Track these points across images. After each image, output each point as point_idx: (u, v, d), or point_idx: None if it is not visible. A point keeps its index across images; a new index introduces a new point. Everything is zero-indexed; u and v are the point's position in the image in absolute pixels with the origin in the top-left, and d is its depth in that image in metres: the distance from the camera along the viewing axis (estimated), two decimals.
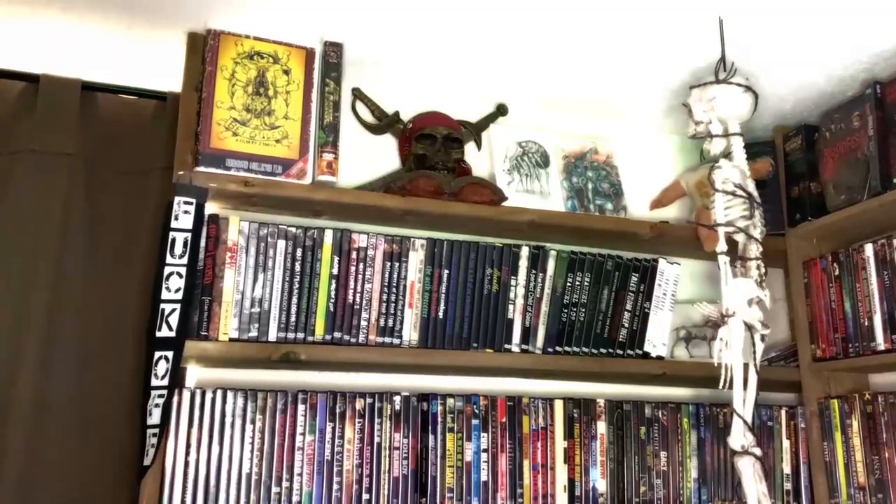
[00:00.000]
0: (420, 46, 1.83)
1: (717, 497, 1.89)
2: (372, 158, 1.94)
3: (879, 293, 1.79)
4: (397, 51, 1.85)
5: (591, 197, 2.06)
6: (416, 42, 1.81)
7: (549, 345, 1.84)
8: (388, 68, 1.93)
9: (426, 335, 1.75)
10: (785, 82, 1.93)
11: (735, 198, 1.73)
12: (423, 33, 1.77)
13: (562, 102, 2.09)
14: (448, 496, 1.70)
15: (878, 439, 1.78)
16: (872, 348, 1.79)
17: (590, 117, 2.14)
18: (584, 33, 1.76)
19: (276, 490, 1.60)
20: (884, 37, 1.73)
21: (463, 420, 1.75)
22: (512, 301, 1.83)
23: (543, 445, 1.80)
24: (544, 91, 2.04)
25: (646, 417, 1.89)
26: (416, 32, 1.77)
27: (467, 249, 1.81)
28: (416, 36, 1.79)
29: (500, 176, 1.98)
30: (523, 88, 2.02)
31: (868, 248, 1.83)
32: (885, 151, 1.79)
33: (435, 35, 1.78)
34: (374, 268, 1.74)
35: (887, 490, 1.74)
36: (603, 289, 1.90)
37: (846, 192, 1.88)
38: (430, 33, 1.77)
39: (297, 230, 1.71)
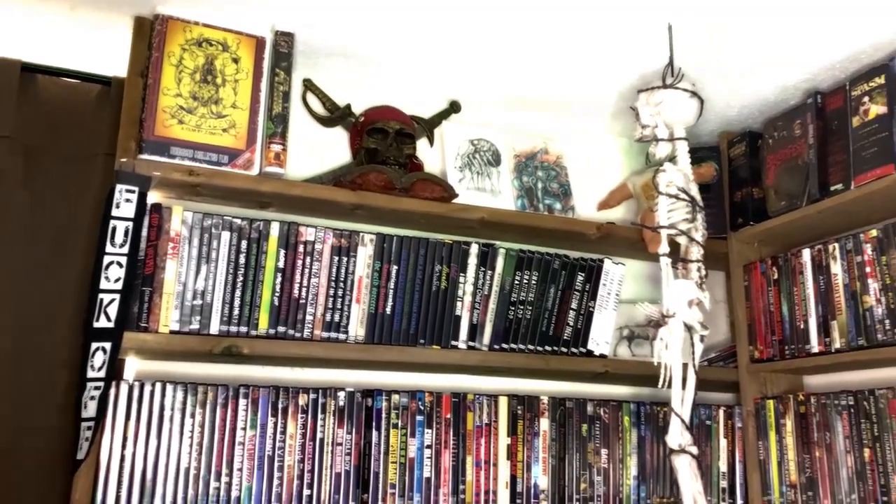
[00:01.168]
0: (373, 39, 1.82)
1: (655, 494, 1.93)
2: (322, 151, 1.92)
3: (815, 297, 1.84)
4: (350, 43, 1.84)
5: (540, 196, 2.08)
6: (369, 35, 1.80)
7: (496, 342, 1.85)
8: (340, 60, 1.91)
9: (373, 331, 1.75)
10: (731, 89, 1.97)
11: (678, 201, 1.76)
12: (377, 26, 1.76)
13: (514, 102, 2.10)
14: (391, 492, 1.70)
15: (809, 439, 1.83)
16: (807, 350, 1.85)
17: (541, 117, 2.16)
18: (536, 34, 1.77)
19: (214, 485, 1.58)
20: (826, 49, 1.78)
21: (408, 416, 1.75)
22: (460, 298, 1.83)
23: (487, 442, 1.81)
24: (497, 90, 2.04)
25: (588, 415, 1.91)
26: (370, 25, 1.76)
27: (417, 245, 1.81)
28: (369, 28, 1.77)
29: (451, 173, 1.98)
30: (477, 86, 2.03)
31: (805, 253, 1.88)
32: (824, 159, 1.84)
33: (389, 29, 1.77)
34: (321, 262, 1.72)
35: (817, 488, 1.80)
36: (550, 287, 1.92)
37: (786, 198, 1.93)
38: (384, 26, 1.76)
39: (243, 222, 1.68)
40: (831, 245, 1.81)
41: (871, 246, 1.72)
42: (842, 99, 1.83)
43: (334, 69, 1.94)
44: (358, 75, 1.97)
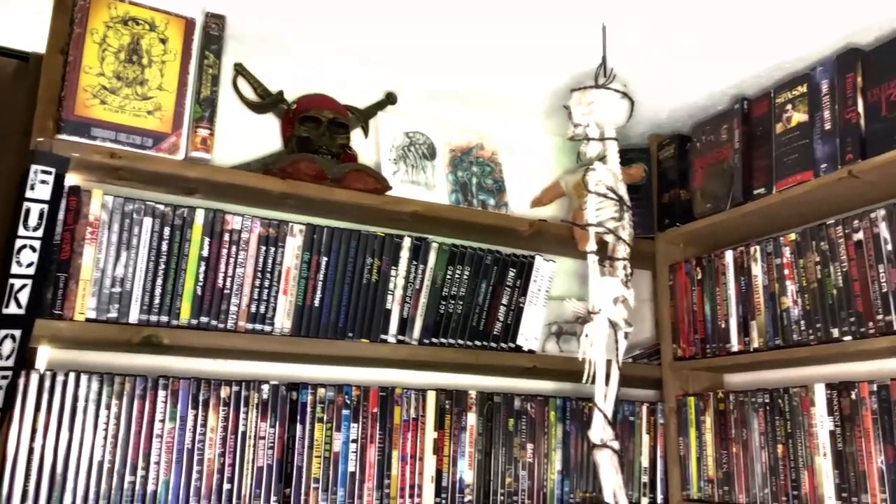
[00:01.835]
0: (309, 26, 1.79)
1: (578, 489, 1.96)
2: (252, 138, 1.88)
3: (736, 298, 1.90)
4: (284, 28, 1.80)
5: (474, 192, 2.08)
6: (305, 21, 1.77)
7: (426, 336, 1.84)
8: (273, 46, 1.87)
9: (300, 323, 1.72)
10: (661, 93, 2.01)
11: (607, 200, 1.79)
12: (313, 13, 1.73)
13: (451, 96, 2.10)
14: (314, 486, 1.68)
15: (727, 435, 1.89)
16: (727, 349, 1.90)
17: (478, 113, 2.16)
18: (474, 29, 1.77)
19: (130, 479, 1.53)
20: (753, 57, 1.83)
21: (333, 410, 1.73)
22: (391, 291, 1.81)
23: (413, 436, 1.80)
24: (435, 83, 2.03)
25: (515, 410, 1.92)
26: (306, 11, 1.72)
27: (348, 237, 1.79)
28: (305, 15, 1.74)
29: (385, 165, 1.96)
30: (414, 78, 2.01)
31: (728, 254, 1.94)
32: (749, 164, 1.90)
33: (325, 16, 1.74)
34: (247, 251, 1.68)
35: (733, 482, 1.85)
36: (481, 282, 1.92)
37: (712, 200, 1.98)
38: (321, 14, 1.73)
39: (166, 208, 1.63)
40: (753, 247, 1.87)
41: (789, 249, 1.78)
42: (767, 106, 1.88)
43: (267, 55, 1.90)
44: (292, 62, 1.93)
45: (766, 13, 1.66)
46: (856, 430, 1.60)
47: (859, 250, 1.63)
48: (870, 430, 1.57)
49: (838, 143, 1.68)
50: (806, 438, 1.70)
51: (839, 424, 1.63)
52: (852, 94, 1.67)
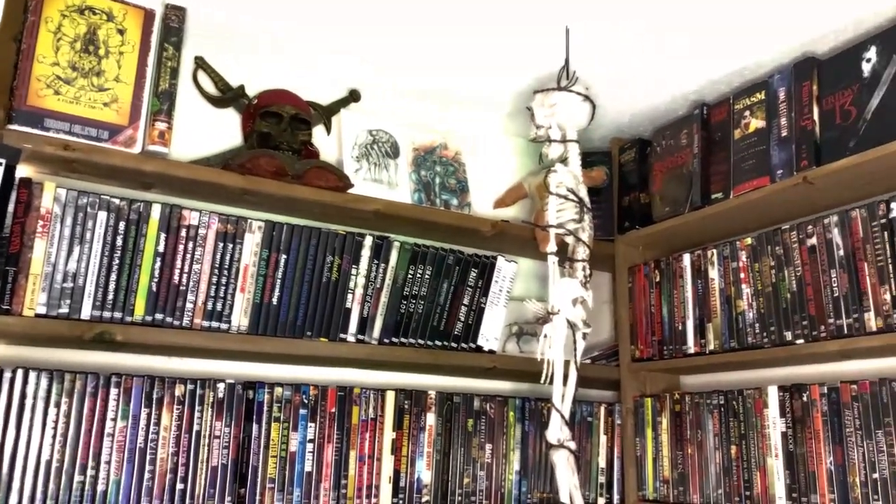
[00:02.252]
0: (272, 20, 1.76)
1: (536, 489, 1.97)
2: (212, 132, 1.85)
3: (693, 300, 1.92)
4: (246, 22, 1.77)
5: (437, 191, 2.07)
6: (267, 15, 1.74)
7: (386, 336, 1.83)
8: (235, 39, 1.85)
9: (257, 321, 1.69)
10: (623, 97, 2.03)
11: (567, 202, 1.79)
12: (276, 7, 1.71)
13: (416, 95, 2.09)
14: (269, 486, 1.66)
15: (682, 436, 1.91)
16: (684, 351, 1.93)
17: (442, 113, 2.16)
18: (439, 29, 1.76)
19: (79, 479, 1.49)
20: (713, 63, 1.86)
21: (290, 410, 1.71)
22: (351, 290, 1.80)
23: (371, 436, 1.79)
24: (399, 81, 2.03)
25: (474, 410, 1.92)
26: (269, 5, 1.70)
27: (308, 235, 1.77)
28: (267, 9, 1.72)
29: (347, 162, 1.95)
30: (378, 76, 2.00)
31: (686, 257, 1.96)
32: (707, 169, 1.93)
33: (289, 10, 1.72)
34: (204, 248, 1.66)
35: (687, 483, 1.88)
36: (443, 282, 1.92)
37: (671, 204, 2.00)
38: (284, 8, 1.71)
39: (122, 202, 1.60)
40: (710, 251, 1.90)
41: (745, 253, 1.81)
42: (726, 112, 1.91)
43: (229, 48, 1.88)
44: (254, 57, 1.91)
45: (726, 20, 1.68)
46: (807, 431, 1.63)
47: (812, 255, 1.66)
48: (820, 431, 1.61)
49: (794, 149, 1.71)
50: (759, 439, 1.73)
51: (791, 426, 1.67)
52: (808, 101, 1.71)
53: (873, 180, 1.63)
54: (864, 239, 1.56)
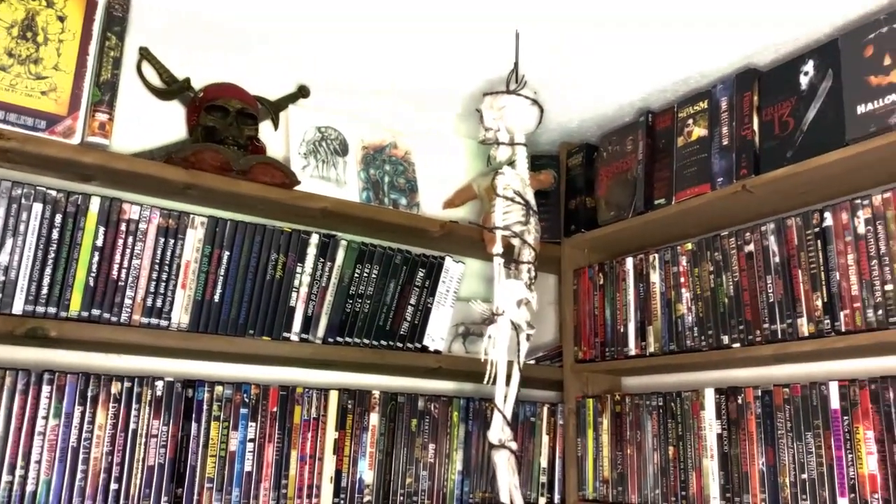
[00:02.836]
0: (220, 12, 1.73)
1: (478, 489, 1.98)
2: (155, 125, 1.81)
3: (635, 303, 1.96)
4: (193, 13, 1.74)
5: (386, 190, 2.07)
6: (215, 7, 1.71)
7: (331, 335, 1.82)
8: (181, 31, 1.81)
9: (198, 318, 1.66)
10: (572, 102, 2.06)
11: (514, 204, 1.81)
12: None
13: (366, 93, 2.08)
14: (207, 486, 1.63)
15: (622, 437, 1.94)
16: (625, 353, 1.96)
17: (392, 112, 2.15)
18: (390, 28, 1.76)
19: (7, 479, 1.44)
20: (659, 72, 1.89)
21: (231, 408, 1.68)
22: (296, 289, 1.78)
23: (314, 436, 1.77)
24: (349, 79, 2.01)
25: (418, 410, 1.93)
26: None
27: (252, 232, 1.74)
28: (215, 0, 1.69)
29: (295, 159, 1.93)
30: (328, 73, 1.99)
31: (629, 261, 2.00)
32: (650, 175, 1.96)
33: (237, 3, 1.69)
34: (144, 242, 1.62)
35: (626, 483, 1.91)
36: (390, 282, 1.91)
37: (615, 208, 2.04)
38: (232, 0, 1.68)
39: (59, 194, 1.55)
40: (652, 255, 1.93)
41: (686, 258, 1.85)
42: (670, 119, 1.95)
43: (175, 40, 1.84)
44: (200, 49, 1.88)
45: (673, 30, 1.72)
46: (741, 433, 1.67)
47: (750, 261, 1.70)
48: (753, 433, 1.65)
49: (734, 158, 1.76)
50: (695, 441, 1.77)
51: (726, 428, 1.71)
52: (749, 111, 1.75)
53: (809, 190, 1.69)
54: (798, 247, 1.61)
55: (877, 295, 1.46)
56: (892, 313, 1.43)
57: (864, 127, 1.51)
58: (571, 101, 2.05)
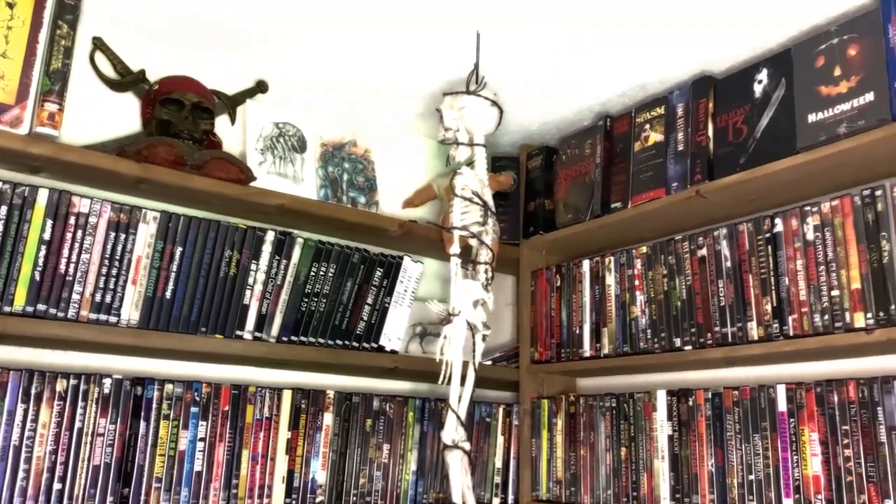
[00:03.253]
0: (177, 4, 1.70)
1: (432, 490, 1.97)
2: (108, 117, 1.77)
3: (590, 305, 1.98)
4: (150, 4, 1.71)
5: (345, 188, 2.05)
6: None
7: (285, 334, 1.80)
8: (137, 22, 1.77)
9: (149, 315, 1.63)
10: (533, 105, 2.07)
11: (472, 204, 1.81)
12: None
13: (326, 90, 2.06)
14: (155, 486, 1.60)
15: (576, 437, 1.96)
16: (580, 354, 1.98)
17: (352, 110, 2.14)
18: (350, 26, 1.74)
19: None
20: (617, 77, 1.91)
21: (181, 407, 1.65)
22: (250, 286, 1.76)
23: (266, 436, 1.75)
24: (309, 75, 1.99)
25: (373, 410, 1.92)
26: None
27: (206, 228, 1.72)
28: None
29: (251, 155, 1.90)
30: (287, 68, 1.96)
31: (585, 263, 2.01)
32: (608, 178, 1.98)
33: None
34: (94, 237, 1.58)
35: (579, 484, 1.93)
36: (347, 281, 1.90)
37: (573, 211, 2.05)
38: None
39: (4, 185, 1.51)
40: (608, 258, 1.95)
41: (640, 261, 1.87)
42: (628, 124, 1.97)
43: (130, 31, 1.80)
44: (157, 41, 1.84)
45: (631, 36, 1.73)
46: (691, 434, 1.70)
47: (702, 265, 1.73)
48: (703, 434, 1.68)
49: (689, 163, 1.79)
50: (647, 442, 1.79)
51: (677, 429, 1.73)
52: (704, 118, 1.78)
53: (760, 196, 1.72)
54: (749, 252, 1.64)
55: (824, 300, 1.50)
56: (838, 318, 1.47)
57: (815, 136, 1.54)
58: (531, 103, 2.06)
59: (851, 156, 1.50)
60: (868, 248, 1.44)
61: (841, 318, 1.46)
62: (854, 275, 1.46)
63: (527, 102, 2.05)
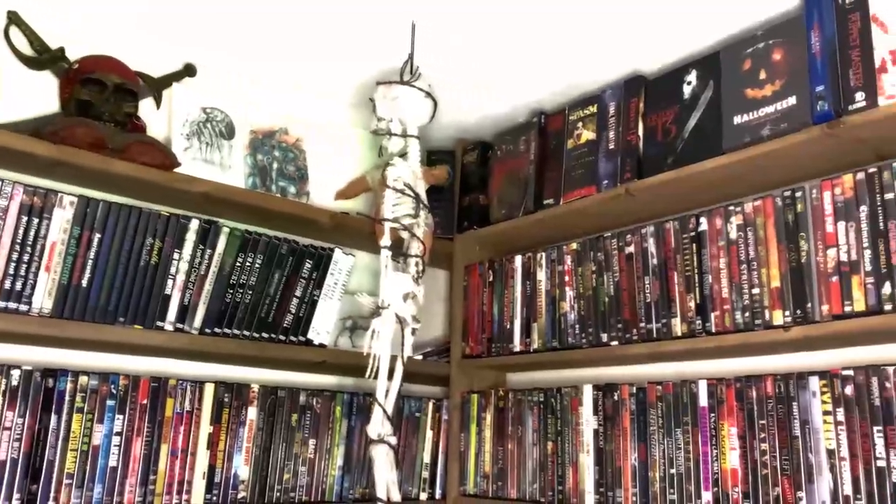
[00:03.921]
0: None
1: (358, 485, 1.95)
2: (23, 96, 1.69)
3: (521, 300, 1.98)
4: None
5: (274, 177, 2.01)
6: None
7: (209, 326, 1.75)
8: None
9: (63, 304, 1.56)
10: (469, 99, 2.06)
11: (404, 196, 1.79)
12: None
13: (257, 76, 2.01)
14: (66, 482, 1.53)
15: (504, 432, 1.96)
16: (510, 349, 1.98)
17: (284, 98, 2.09)
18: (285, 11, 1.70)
19: None
20: (552, 74, 1.92)
21: (96, 400, 1.59)
22: (172, 276, 1.70)
23: (186, 430, 1.70)
24: (240, 60, 1.94)
25: (300, 405, 1.88)
26: None
27: (127, 214, 1.65)
28: None
29: (176, 140, 1.84)
30: (217, 52, 1.90)
31: (517, 259, 2.02)
32: (541, 175, 1.99)
33: None
34: (5, 221, 1.50)
35: (506, 478, 1.93)
36: (274, 272, 1.86)
37: (507, 207, 2.06)
38: None
39: None
40: (539, 253, 1.96)
41: (570, 257, 1.88)
42: (561, 122, 1.99)
43: (50, 6, 1.71)
44: (78, 18, 1.76)
45: (566, 34, 1.74)
46: (615, 429, 1.72)
47: (630, 262, 1.75)
48: (627, 429, 1.70)
49: (619, 162, 1.81)
50: (573, 436, 1.80)
51: (602, 424, 1.75)
52: (635, 117, 1.80)
53: (687, 196, 1.75)
54: (675, 250, 1.67)
55: (745, 298, 1.53)
56: (758, 316, 1.50)
57: (740, 137, 1.58)
58: (469, 98, 2.05)
59: (774, 158, 1.54)
60: (787, 247, 1.48)
61: (761, 316, 1.50)
62: (774, 273, 1.49)
63: (464, 96, 2.04)
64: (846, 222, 1.41)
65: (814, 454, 1.40)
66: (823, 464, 1.39)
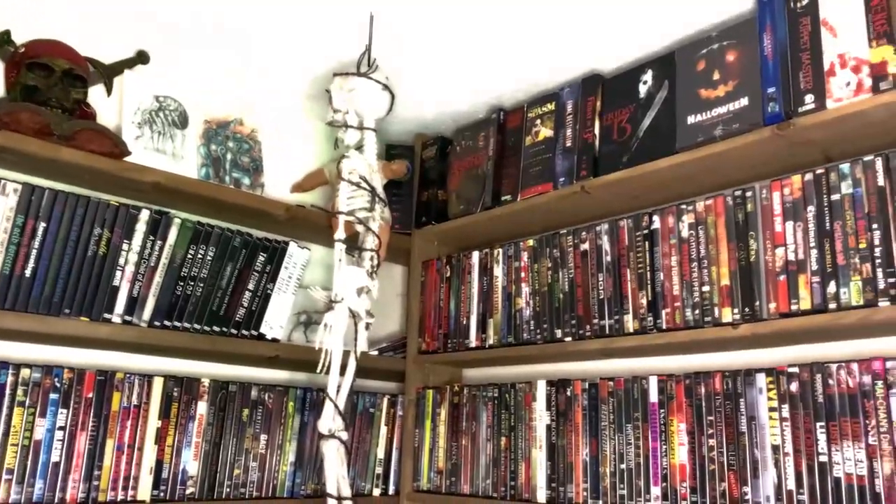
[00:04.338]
0: None
1: (310, 481, 1.93)
2: None
3: (478, 296, 1.98)
4: None
5: (228, 168, 1.97)
6: None
7: (158, 318, 1.71)
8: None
9: (5, 294, 1.51)
10: (428, 93, 2.05)
11: (359, 189, 1.78)
12: None
13: (211, 65, 1.97)
14: (6, 478, 1.49)
15: (458, 427, 1.96)
16: (466, 345, 1.98)
17: (239, 88, 2.06)
18: None
19: None
20: (511, 71, 1.92)
21: (39, 393, 1.54)
22: (120, 267, 1.66)
23: (133, 425, 1.66)
24: (193, 48, 1.90)
25: (251, 400, 1.85)
26: None
27: (74, 203, 1.61)
28: None
29: (127, 128, 1.80)
30: (170, 40, 1.86)
31: (475, 255, 2.02)
32: (499, 171, 1.99)
33: None
34: None
35: (459, 473, 1.93)
36: (227, 265, 1.83)
37: (465, 203, 2.05)
38: None
39: None
40: (496, 250, 1.96)
41: (527, 254, 1.89)
42: (520, 119, 1.99)
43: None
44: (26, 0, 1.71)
45: (526, 31, 1.74)
46: (568, 424, 1.73)
47: (584, 259, 1.76)
48: (580, 424, 1.71)
49: (576, 160, 1.81)
50: (526, 432, 1.81)
51: (555, 419, 1.76)
52: (591, 116, 1.81)
53: (641, 194, 1.77)
54: (628, 247, 1.69)
55: (695, 295, 1.55)
56: (708, 313, 1.53)
57: (693, 137, 1.60)
58: (428, 92, 2.04)
59: (725, 158, 1.56)
60: (737, 246, 1.51)
61: (710, 313, 1.52)
62: (724, 272, 1.52)
63: (423, 91, 2.03)
64: (794, 222, 1.44)
65: (759, 450, 1.43)
66: (769, 459, 1.42)
